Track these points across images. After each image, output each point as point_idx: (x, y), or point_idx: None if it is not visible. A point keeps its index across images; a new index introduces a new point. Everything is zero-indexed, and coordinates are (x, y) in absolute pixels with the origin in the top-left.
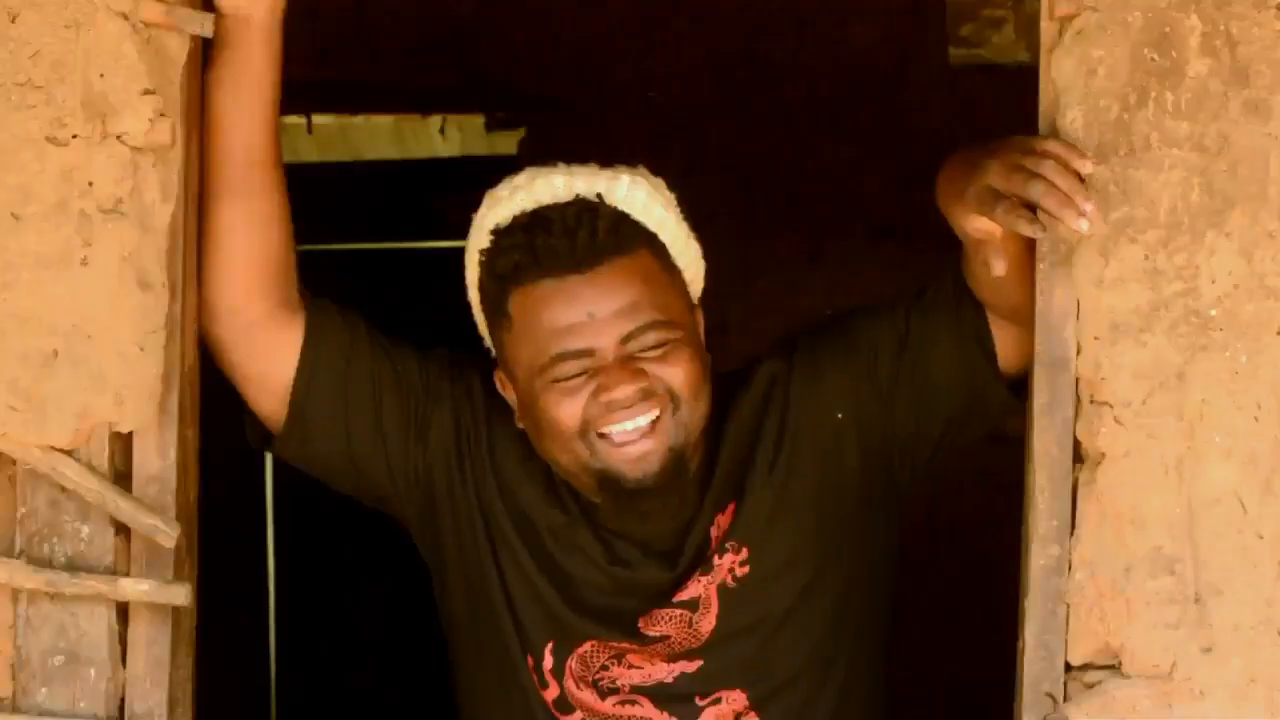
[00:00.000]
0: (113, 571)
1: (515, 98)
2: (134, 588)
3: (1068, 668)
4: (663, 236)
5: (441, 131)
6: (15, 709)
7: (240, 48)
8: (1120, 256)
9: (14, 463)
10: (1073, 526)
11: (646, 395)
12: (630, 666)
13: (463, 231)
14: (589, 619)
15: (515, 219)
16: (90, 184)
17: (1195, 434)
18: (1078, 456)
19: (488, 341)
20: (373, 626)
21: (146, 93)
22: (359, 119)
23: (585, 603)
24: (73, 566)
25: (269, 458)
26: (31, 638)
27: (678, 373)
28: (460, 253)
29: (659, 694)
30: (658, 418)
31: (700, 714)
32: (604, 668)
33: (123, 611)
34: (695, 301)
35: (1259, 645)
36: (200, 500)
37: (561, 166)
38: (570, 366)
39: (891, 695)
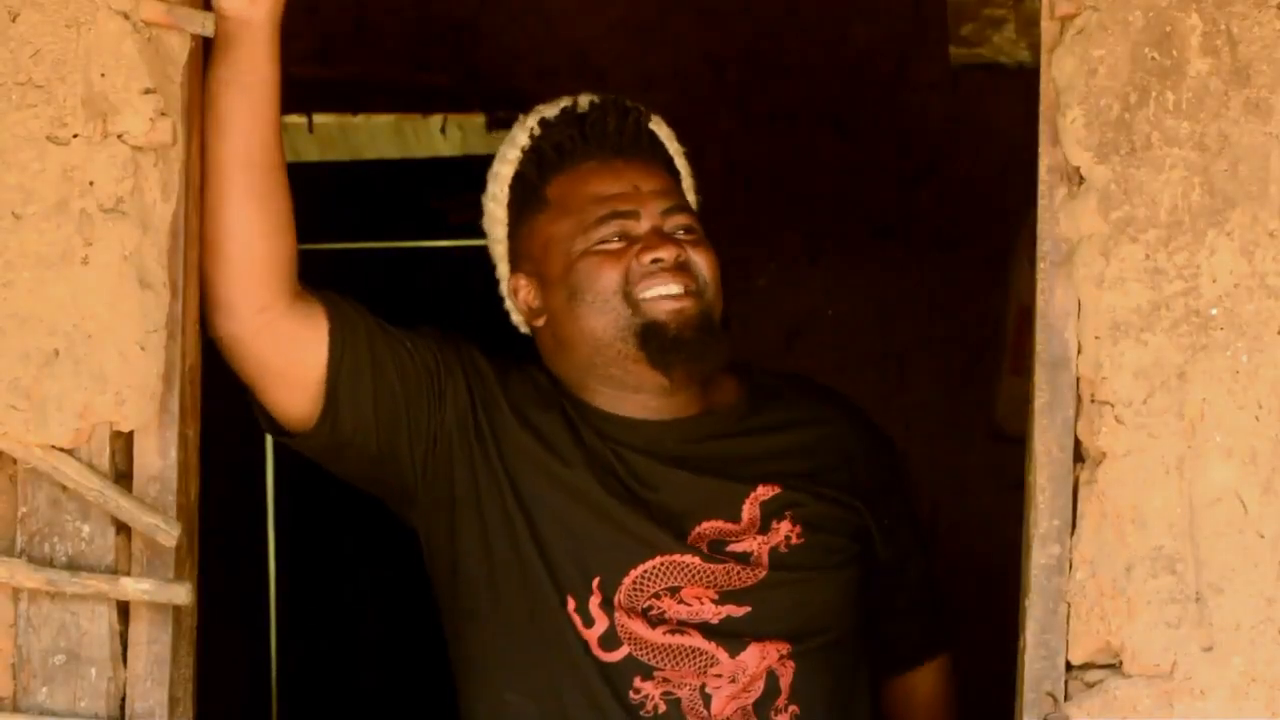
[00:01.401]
0: (113, 571)
1: (516, 97)
2: (135, 587)
3: (1068, 667)
4: (676, 158)
5: (442, 131)
6: (16, 708)
7: (242, 48)
8: (1121, 256)
9: (15, 462)
10: (1073, 526)
11: (683, 266)
12: (680, 602)
13: (464, 231)
14: (635, 537)
15: (564, 110)
16: (91, 183)
17: (1196, 433)
18: (1078, 456)
19: (501, 250)
20: (373, 625)
21: (147, 92)
22: (359, 118)
23: (626, 524)
24: (73, 566)
25: (269, 458)
26: (32, 637)
27: (707, 259)
28: (463, 251)
29: (707, 629)
30: (690, 288)
31: (745, 648)
32: (655, 596)
33: (123, 611)
34: None
35: (1260, 644)
36: (200, 499)
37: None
38: (614, 228)
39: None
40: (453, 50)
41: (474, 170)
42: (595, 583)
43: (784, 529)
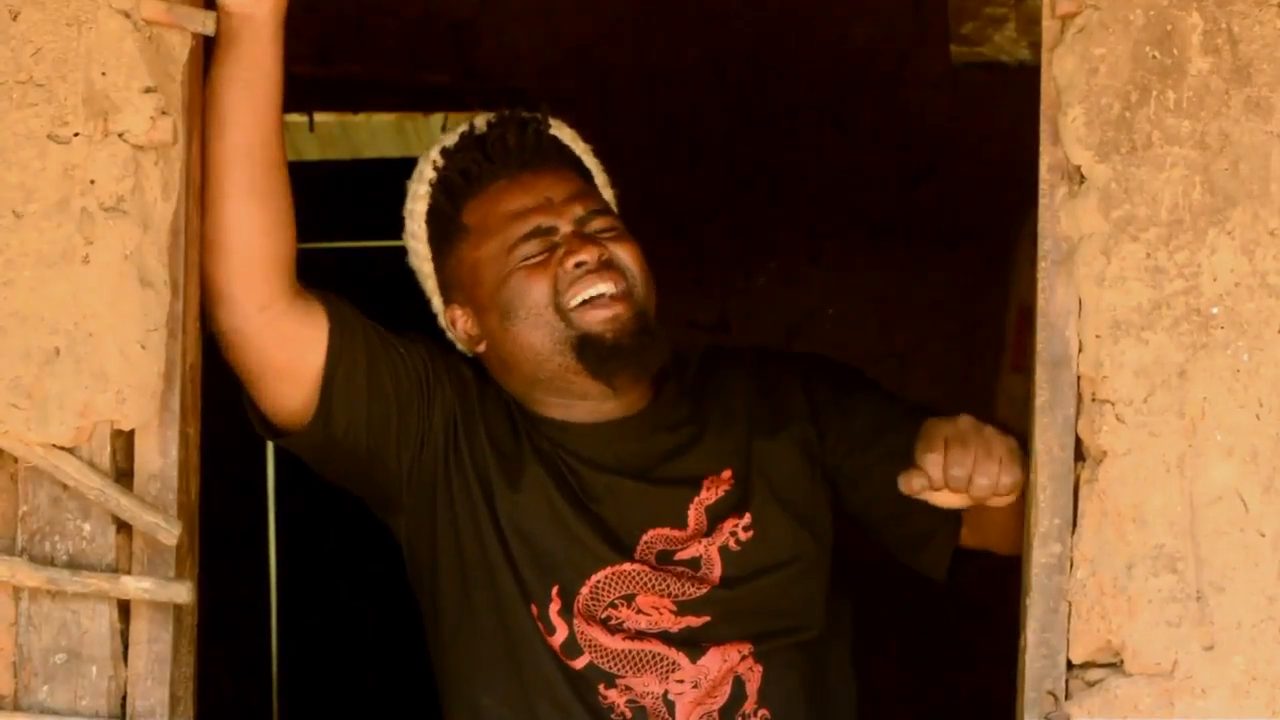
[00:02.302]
0: (114, 569)
1: (517, 96)
2: (135, 585)
3: (1069, 666)
4: (586, 157)
5: (443, 130)
6: (17, 707)
7: (245, 45)
8: (1122, 254)
9: (15, 460)
10: (1074, 524)
11: (608, 265)
12: (638, 611)
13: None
14: (589, 547)
15: (462, 135)
16: (92, 182)
17: (1197, 432)
18: (1079, 454)
19: (431, 285)
20: (374, 625)
21: (148, 90)
22: (360, 117)
23: (578, 534)
24: (74, 564)
25: (270, 457)
26: (33, 635)
27: (631, 250)
28: None
29: (666, 637)
30: (620, 289)
31: (706, 653)
32: (613, 605)
33: (124, 609)
34: None
35: (1260, 643)
36: (201, 498)
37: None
38: (535, 245)
39: (858, 686)
40: (453, 49)
41: None
42: (554, 590)
43: (729, 526)
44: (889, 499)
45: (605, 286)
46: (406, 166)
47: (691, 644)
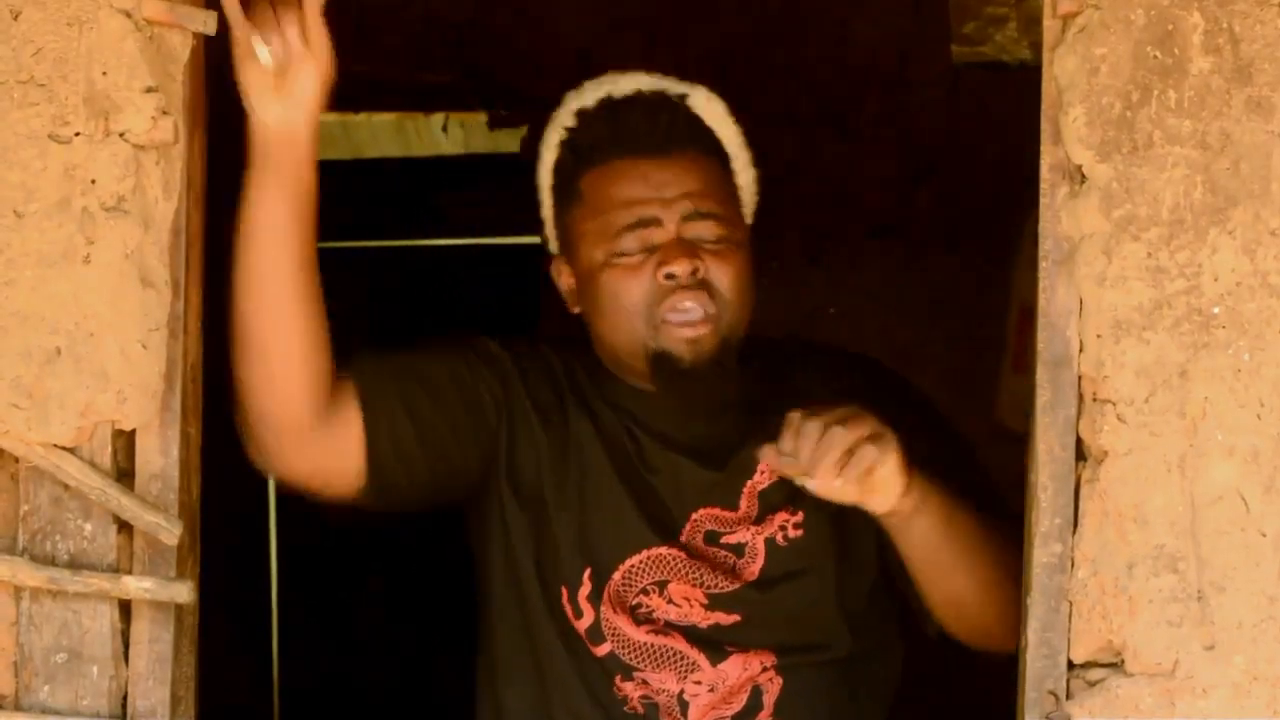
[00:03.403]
0: (115, 569)
1: (518, 95)
2: (136, 585)
3: (1070, 666)
4: (728, 143)
5: (444, 129)
6: (18, 707)
7: (283, 153)
8: (1123, 254)
9: (16, 460)
10: (1075, 524)
11: (701, 285)
12: (669, 601)
13: (465, 230)
14: (630, 525)
15: (600, 101)
16: (92, 181)
17: (1198, 432)
18: (1080, 454)
19: (549, 230)
20: (374, 625)
21: (149, 90)
22: (361, 117)
23: (622, 513)
24: (75, 564)
25: None
26: (34, 635)
27: (728, 270)
28: (464, 250)
29: (692, 634)
30: (707, 316)
31: (728, 659)
32: (644, 592)
33: (125, 609)
34: (746, 221)
35: (1262, 643)
36: (201, 497)
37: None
38: (634, 241)
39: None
40: (454, 49)
41: (476, 169)
42: (587, 573)
43: (780, 519)
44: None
45: (694, 306)
46: (407, 166)
47: (715, 646)
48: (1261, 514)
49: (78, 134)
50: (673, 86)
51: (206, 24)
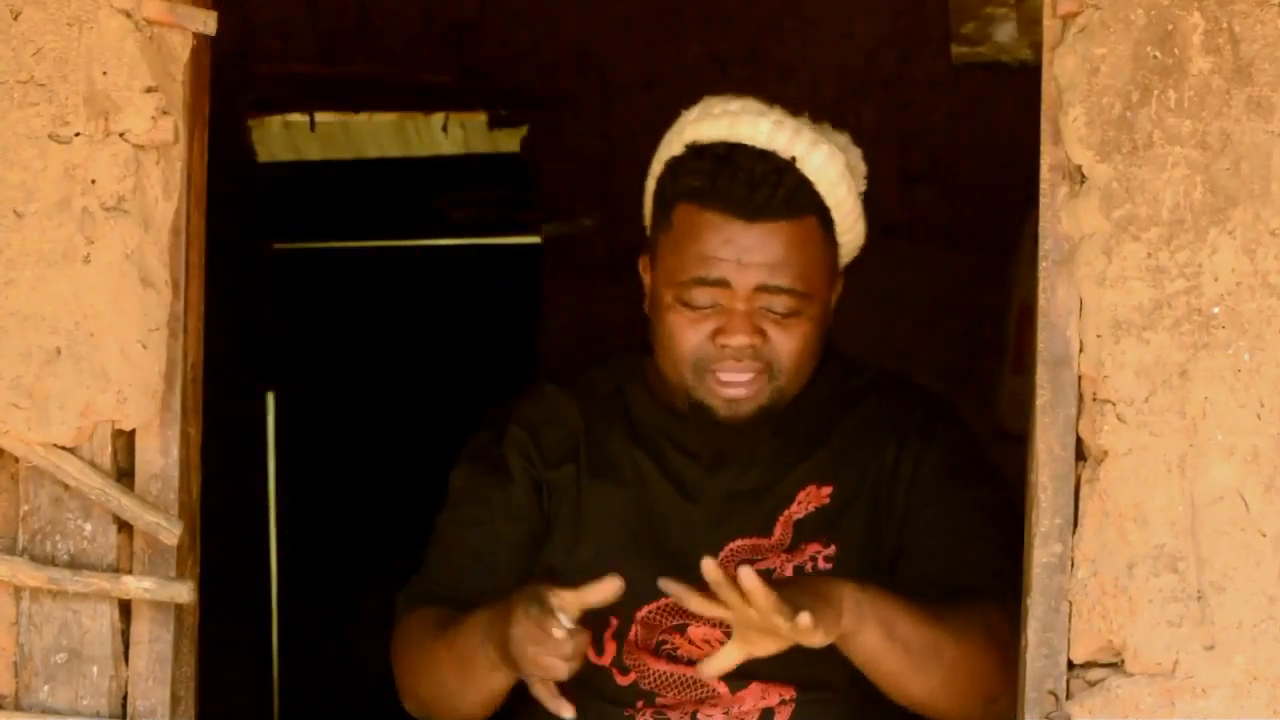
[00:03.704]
0: (115, 569)
1: (518, 95)
2: (136, 585)
3: (1070, 665)
4: (835, 212)
5: (444, 129)
6: (18, 707)
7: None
8: (1123, 254)
9: (17, 460)
10: (1075, 524)
11: (756, 355)
12: (690, 642)
13: (464, 229)
14: (652, 573)
15: (712, 145)
16: (93, 181)
17: (1198, 432)
18: (1080, 454)
19: (646, 223)
20: (374, 625)
21: (149, 90)
22: (362, 117)
23: (647, 557)
24: (75, 564)
25: (270, 457)
26: (34, 635)
27: (790, 343)
28: (464, 250)
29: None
30: (759, 376)
31: (747, 687)
32: (666, 633)
33: (125, 609)
34: (841, 268)
35: (1262, 643)
36: (201, 497)
37: (775, 111)
38: (703, 295)
39: None
40: (455, 49)
41: (476, 169)
42: (613, 621)
43: (813, 550)
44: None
45: (743, 375)
46: (407, 166)
47: (736, 674)
48: (1261, 514)
49: (78, 134)
50: (790, 142)
51: (206, 24)
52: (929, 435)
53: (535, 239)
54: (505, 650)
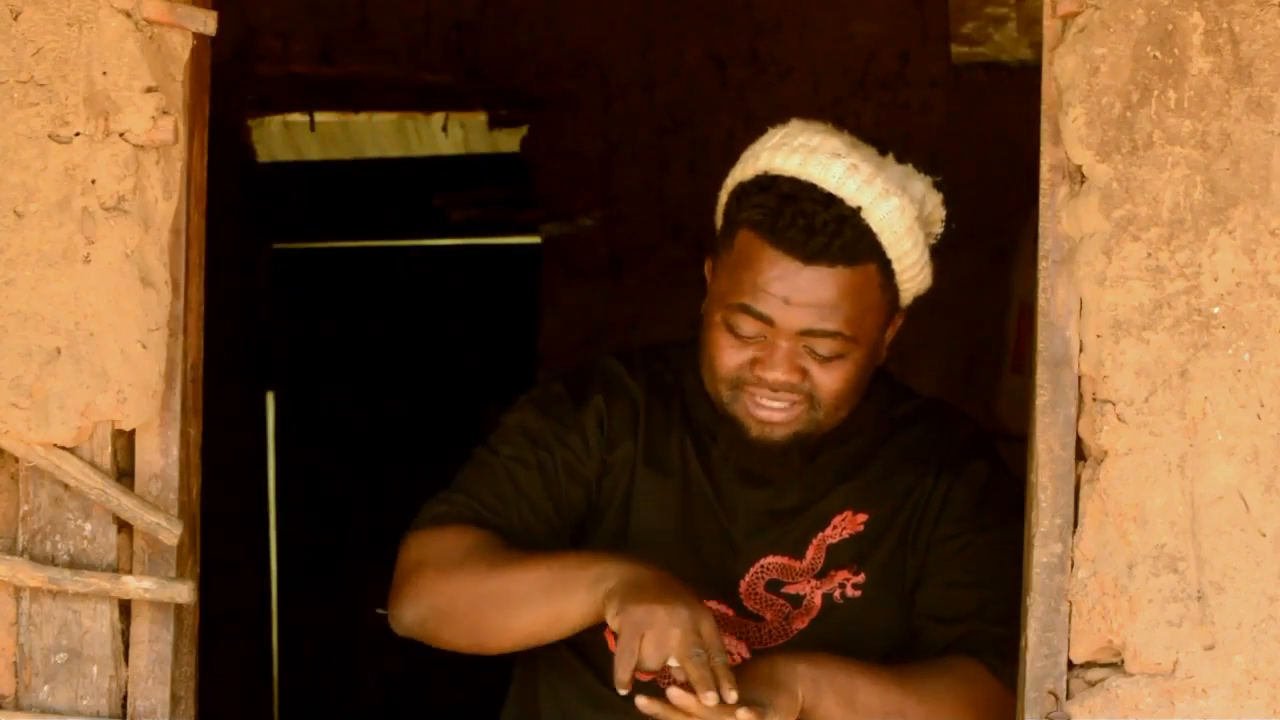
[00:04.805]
0: (115, 569)
1: (518, 95)
2: (136, 585)
3: (1070, 665)
4: (896, 261)
5: (444, 129)
6: (18, 706)
7: None
8: (1123, 254)
9: (17, 460)
10: (1075, 524)
11: (794, 389)
12: None
13: (464, 229)
14: (691, 574)
15: (780, 180)
16: (93, 181)
17: (1198, 431)
18: (1080, 454)
19: (717, 228)
20: (374, 624)
21: (149, 90)
22: (362, 116)
23: (682, 564)
24: (75, 564)
25: (270, 456)
26: (34, 635)
27: (832, 382)
28: (463, 249)
29: (737, 669)
30: (797, 405)
31: None
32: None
33: (125, 609)
34: (902, 306)
35: (1262, 643)
36: (201, 497)
37: (854, 154)
38: (748, 325)
39: None
40: (455, 49)
41: (476, 168)
42: None
43: (842, 576)
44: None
45: (779, 407)
46: (407, 166)
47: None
48: (1261, 514)
49: (78, 134)
50: (859, 191)
51: (206, 24)
52: (962, 469)
53: (535, 239)
54: (627, 613)
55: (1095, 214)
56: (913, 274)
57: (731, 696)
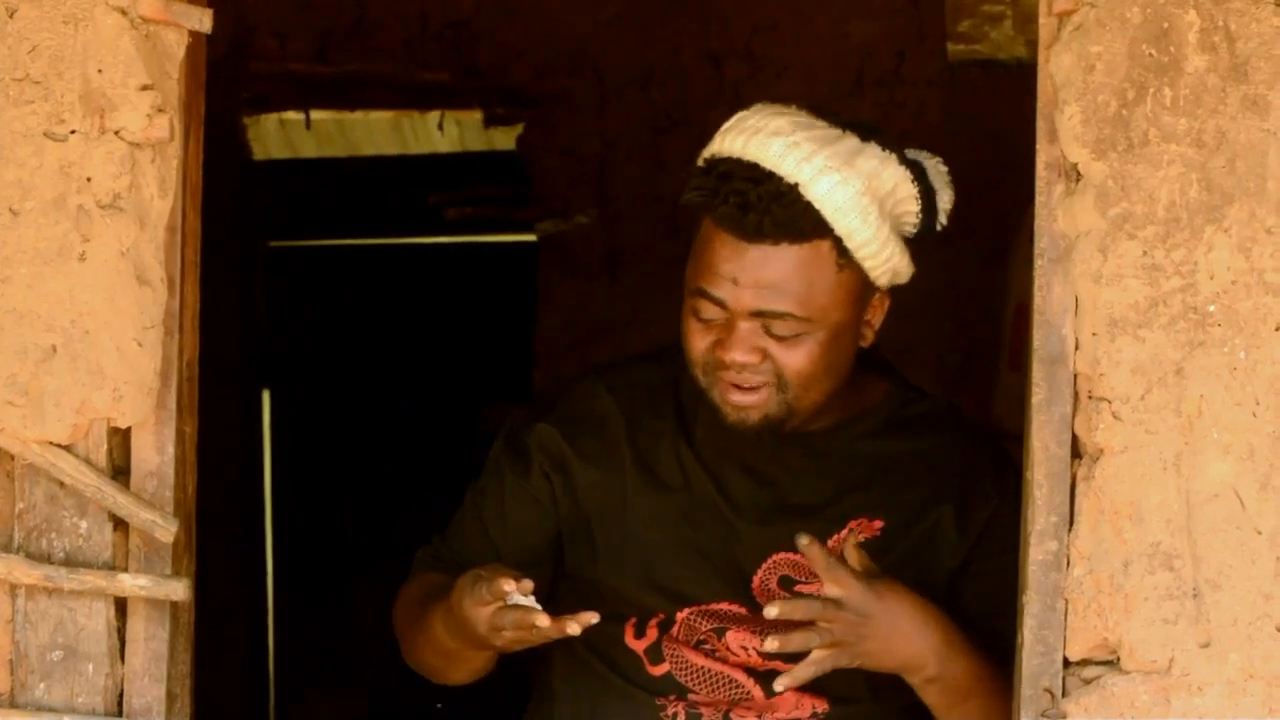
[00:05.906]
0: (111, 567)
1: (514, 93)
2: (132, 583)
3: (1066, 663)
4: (848, 236)
5: (440, 127)
6: (14, 704)
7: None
8: (1119, 252)
9: (12, 458)
10: (1071, 522)
11: (759, 370)
12: (728, 647)
13: (460, 227)
14: (697, 579)
15: (722, 161)
16: (88, 179)
17: (1194, 429)
18: (1076, 452)
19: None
20: (374, 625)
21: (144, 88)
22: (357, 114)
23: (692, 561)
24: (71, 562)
25: (268, 456)
26: (30, 633)
27: (795, 361)
28: (459, 247)
29: (750, 669)
30: (766, 388)
31: (782, 694)
32: (705, 635)
33: (121, 607)
34: (881, 288)
35: (1257, 640)
36: (197, 495)
37: (799, 133)
38: (706, 308)
39: None
40: (450, 47)
41: (472, 167)
42: (657, 614)
43: None
44: None
45: (746, 388)
46: (403, 164)
47: (772, 680)
48: (1257, 511)
49: (73, 131)
50: (796, 167)
51: (202, 22)
52: (1004, 490)
53: (531, 237)
54: (467, 635)
55: (1091, 212)
56: (872, 251)
57: (544, 621)
